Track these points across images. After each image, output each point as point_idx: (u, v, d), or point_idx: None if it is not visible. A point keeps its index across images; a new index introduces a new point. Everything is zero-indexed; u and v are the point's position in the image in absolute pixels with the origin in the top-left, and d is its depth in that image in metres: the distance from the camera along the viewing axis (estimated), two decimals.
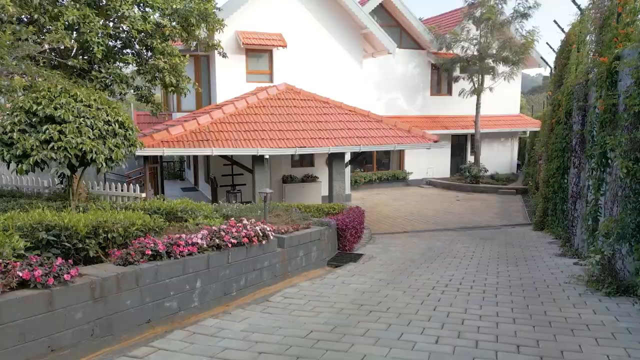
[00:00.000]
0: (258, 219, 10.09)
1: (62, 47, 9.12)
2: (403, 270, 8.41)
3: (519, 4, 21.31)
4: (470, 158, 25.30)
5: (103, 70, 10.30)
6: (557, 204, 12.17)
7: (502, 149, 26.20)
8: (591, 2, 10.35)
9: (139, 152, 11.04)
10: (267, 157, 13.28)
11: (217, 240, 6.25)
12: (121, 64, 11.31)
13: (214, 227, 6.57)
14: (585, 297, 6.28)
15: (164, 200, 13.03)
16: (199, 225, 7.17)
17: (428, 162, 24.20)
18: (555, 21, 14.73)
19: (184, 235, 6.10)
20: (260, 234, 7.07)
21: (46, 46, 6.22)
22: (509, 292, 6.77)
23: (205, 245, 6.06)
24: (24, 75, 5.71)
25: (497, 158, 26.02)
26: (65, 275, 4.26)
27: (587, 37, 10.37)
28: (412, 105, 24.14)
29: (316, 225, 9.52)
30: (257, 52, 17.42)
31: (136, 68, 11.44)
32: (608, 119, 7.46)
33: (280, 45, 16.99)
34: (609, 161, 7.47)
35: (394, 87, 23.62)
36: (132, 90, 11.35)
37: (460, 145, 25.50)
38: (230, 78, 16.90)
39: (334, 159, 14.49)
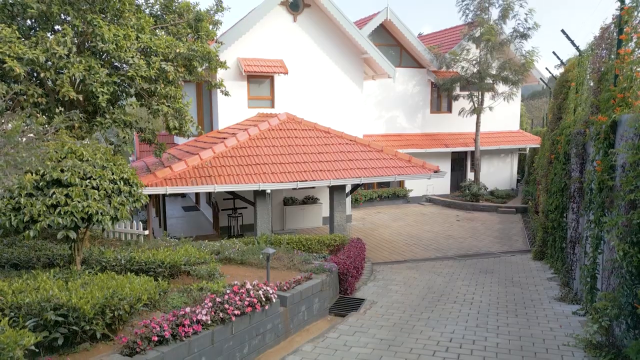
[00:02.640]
0: (259, 267, 10.25)
1: (67, 99, 9.22)
2: (404, 325, 8.53)
3: (518, 24, 21.42)
4: (470, 175, 25.41)
5: (107, 116, 10.42)
6: (557, 240, 12.28)
7: (502, 165, 26.31)
8: (590, 48, 10.46)
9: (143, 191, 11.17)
10: (268, 191, 13.40)
11: (221, 314, 6.38)
12: (125, 103, 11.45)
13: (217, 299, 6.67)
14: None
15: (168, 235, 13.23)
16: (203, 291, 7.27)
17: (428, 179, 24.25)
18: (554, 52, 14.86)
19: (188, 310, 6.23)
20: (264, 299, 7.19)
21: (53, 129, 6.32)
22: None
23: (209, 322, 6.18)
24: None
25: (497, 174, 26.14)
26: None
27: (585, 84, 10.46)
28: (412, 123, 24.25)
29: (318, 273, 9.63)
30: (259, 77, 17.53)
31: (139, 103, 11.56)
32: (606, 181, 7.58)
33: (281, 72, 17.10)
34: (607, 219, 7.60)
35: (394, 105, 23.73)
36: (135, 132, 11.47)
37: (460, 160, 25.60)
38: (232, 104, 17.01)
39: (335, 190, 14.60)
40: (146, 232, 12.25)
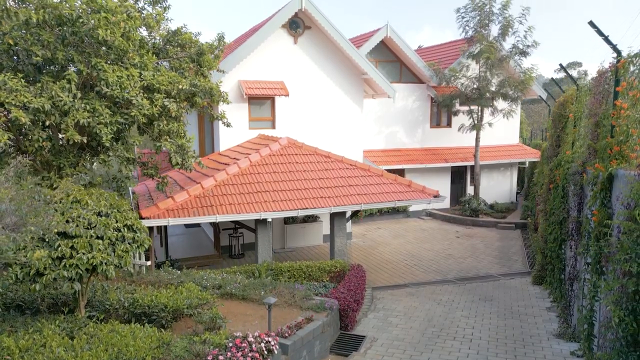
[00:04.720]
0: (260, 303, 10.37)
1: (72, 143, 9.34)
2: None
3: (517, 41, 21.48)
4: (470, 188, 25.53)
5: (111, 153, 10.55)
6: (555, 271, 12.41)
7: (502, 178, 26.43)
8: (588, 89, 10.58)
9: (145, 223, 11.30)
10: (269, 219, 13.53)
11: None
12: (127, 135, 11.56)
13: (220, 356, 6.80)
14: None
15: (171, 264, 13.34)
16: (206, 345, 7.38)
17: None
18: (553, 79, 14.96)
19: None
20: (265, 352, 7.32)
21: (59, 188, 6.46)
22: None
23: None
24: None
25: (497, 187, 26.26)
26: None
27: (583, 121, 10.57)
28: (412, 138, 24.37)
29: (319, 311, 9.75)
30: (260, 99, 17.66)
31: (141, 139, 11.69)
32: (602, 232, 7.69)
33: (282, 94, 17.22)
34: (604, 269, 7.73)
35: (394, 121, 23.85)
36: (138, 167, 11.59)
37: (460, 173, 25.70)
38: (233, 126, 17.08)
39: (335, 215, 14.72)
40: (148, 263, 12.36)
